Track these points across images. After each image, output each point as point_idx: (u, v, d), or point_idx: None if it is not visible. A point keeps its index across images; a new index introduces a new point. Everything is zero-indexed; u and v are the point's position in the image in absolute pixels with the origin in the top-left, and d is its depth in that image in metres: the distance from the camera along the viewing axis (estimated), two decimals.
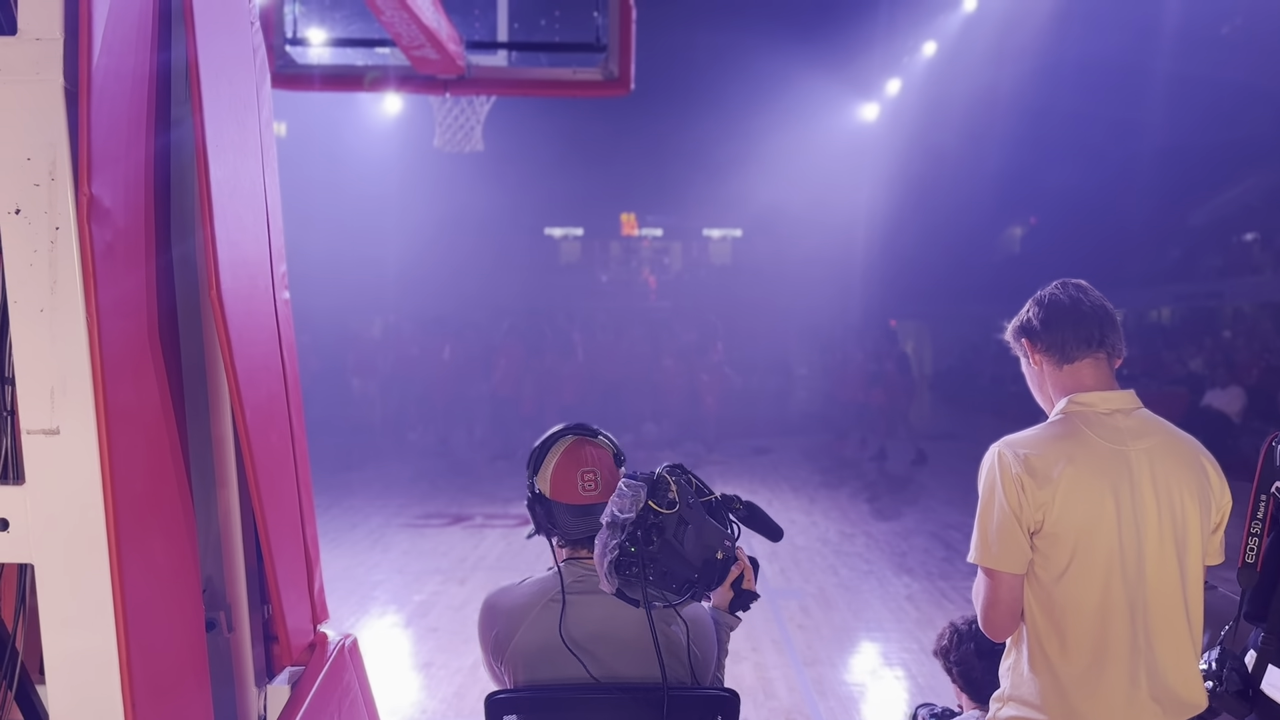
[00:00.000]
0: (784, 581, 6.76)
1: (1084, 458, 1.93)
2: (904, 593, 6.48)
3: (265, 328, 2.21)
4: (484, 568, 6.89)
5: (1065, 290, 2.08)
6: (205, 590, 2.19)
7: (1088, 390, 2.01)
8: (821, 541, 8.10)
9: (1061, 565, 1.91)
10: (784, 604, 6.15)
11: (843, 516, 9.16)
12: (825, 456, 12.98)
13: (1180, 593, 1.95)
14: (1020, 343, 2.12)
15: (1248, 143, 25.26)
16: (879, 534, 8.41)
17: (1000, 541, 1.93)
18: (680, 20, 20.78)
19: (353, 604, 6.14)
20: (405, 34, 4.33)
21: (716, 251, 30.16)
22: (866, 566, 7.24)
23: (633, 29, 5.02)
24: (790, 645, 5.36)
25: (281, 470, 2.25)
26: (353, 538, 7.93)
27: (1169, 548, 1.93)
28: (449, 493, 10.04)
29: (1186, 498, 1.96)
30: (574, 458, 2.09)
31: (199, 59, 1.97)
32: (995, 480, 1.95)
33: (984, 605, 1.99)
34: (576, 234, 28.93)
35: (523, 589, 2.10)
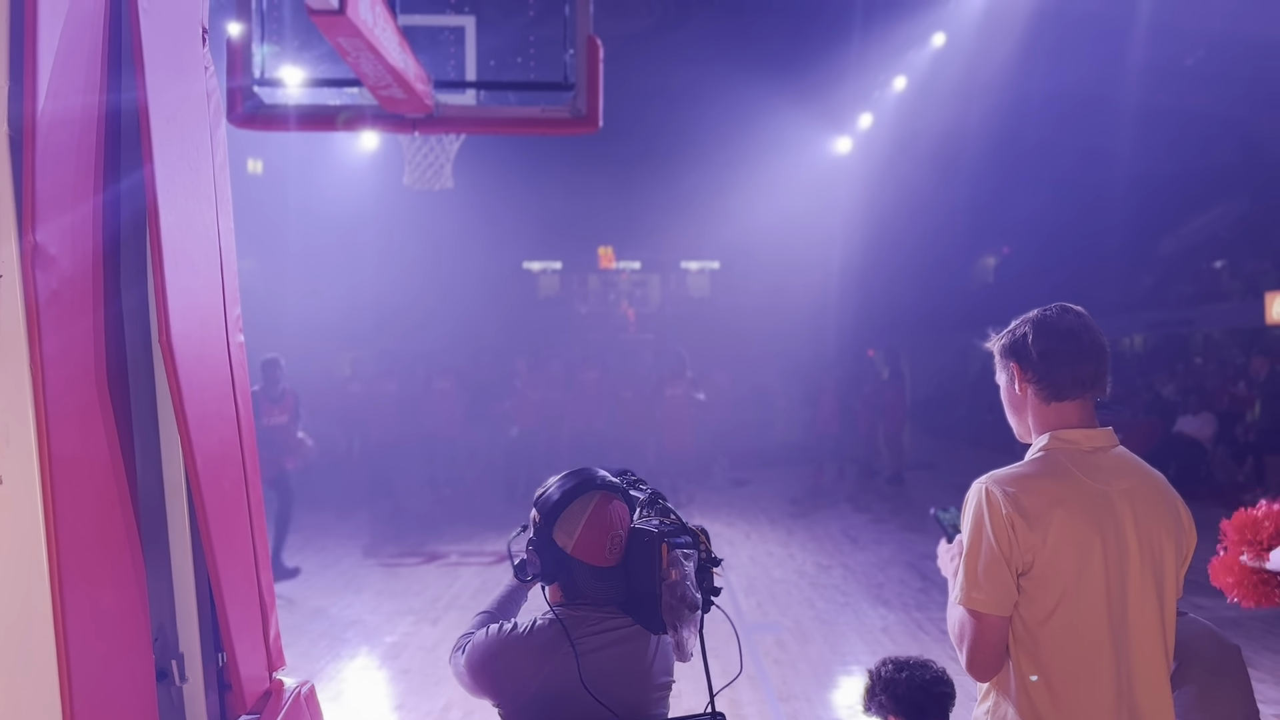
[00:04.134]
0: (760, 615, 6.73)
1: (1073, 499, 1.91)
2: (880, 625, 6.46)
3: (218, 372, 2.20)
4: (458, 607, 6.82)
5: (1065, 321, 2.01)
6: (157, 639, 2.16)
7: (1071, 427, 1.99)
8: (799, 574, 8.08)
9: (1048, 608, 1.89)
10: (760, 638, 6.12)
11: (820, 548, 9.15)
12: (803, 487, 12.98)
13: (1160, 633, 1.94)
14: (1009, 365, 2.05)
15: (1215, 172, 25.71)
16: (856, 565, 8.39)
17: (989, 583, 1.89)
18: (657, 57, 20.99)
19: (324, 646, 6.06)
20: (372, 74, 4.35)
21: (695, 284, 30.26)
22: (843, 599, 7.22)
23: (600, 67, 5.07)
24: (766, 680, 5.33)
25: (235, 516, 2.23)
26: (325, 578, 7.84)
27: (1149, 589, 1.93)
28: (424, 531, 9.96)
29: (1164, 539, 1.96)
30: (604, 520, 2.03)
31: (149, 104, 1.97)
32: (984, 519, 1.91)
33: (969, 647, 1.94)
34: (555, 267, 28.98)
35: (533, 639, 2.04)
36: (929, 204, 25.58)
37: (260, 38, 4.85)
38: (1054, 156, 26.80)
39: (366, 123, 5.23)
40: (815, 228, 23.41)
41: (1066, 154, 26.81)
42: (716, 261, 29.34)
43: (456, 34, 5.09)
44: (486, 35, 5.34)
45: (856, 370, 15.93)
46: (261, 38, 4.86)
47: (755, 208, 22.25)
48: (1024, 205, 27.58)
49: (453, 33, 5.11)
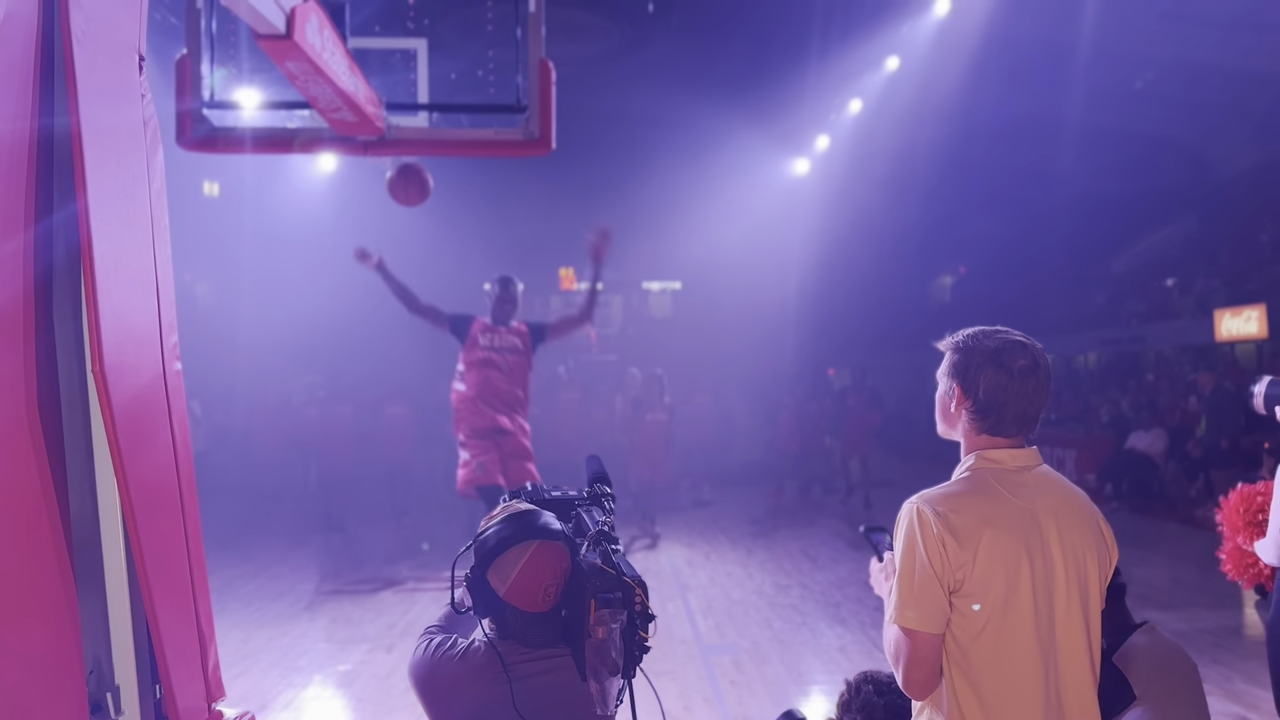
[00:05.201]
0: (718, 637, 6.73)
1: (1001, 518, 1.95)
2: (837, 644, 6.48)
3: (154, 401, 2.18)
4: (414, 634, 6.72)
5: (1018, 364, 1.98)
6: (92, 672, 2.13)
7: (999, 448, 2.03)
8: (757, 594, 8.09)
9: (978, 627, 1.93)
10: (717, 660, 6.12)
11: (779, 568, 9.17)
12: (764, 507, 13.01)
13: (1087, 649, 1.98)
14: (953, 383, 2.05)
15: (1164, 191, 26.29)
16: (814, 584, 8.42)
17: (921, 601, 1.93)
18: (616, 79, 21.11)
19: (276, 675, 5.97)
20: (322, 97, 4.34)
21: (657, 304, 30.35)
22: (801, 618, 7.24)
23: (553, 90, 5.09)
24: (722, 702, 5.32)
25: (171, 545, 2.21)
26: (278, 606, 7.73)
27: (1075, 605, 1.97)
28: (380, 557, 9.85)
29: (1087, 555, 2.00)
30: (539, 570, 2.01)
31: (83, 132, 1.95)
32: (916, 539, 1.94)
33: (905, 666, 1.97)
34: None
35: (466, 663, 2.05)
36: (886, 224, 25.91)
37: (210, 61, 4.82)
38: (1008, 177, 27.29)
39: (318, 145, 5.21)
40: (775, 248, 23.63)
41: (1020, 175, 27.31)
42: (678, 282, 29.47)
43: (408, 57, 5.09)
44: (439, 58, 5.35)
45: (814, 388, 16.08)
46: (212, 61, 4.83)
47: (716, 228, 22.42)
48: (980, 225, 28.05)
49: (404, 56, 5.11)
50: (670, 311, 29.69)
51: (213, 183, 21.56)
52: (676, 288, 29.70)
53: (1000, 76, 20.97)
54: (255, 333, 16.62)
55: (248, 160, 13.62)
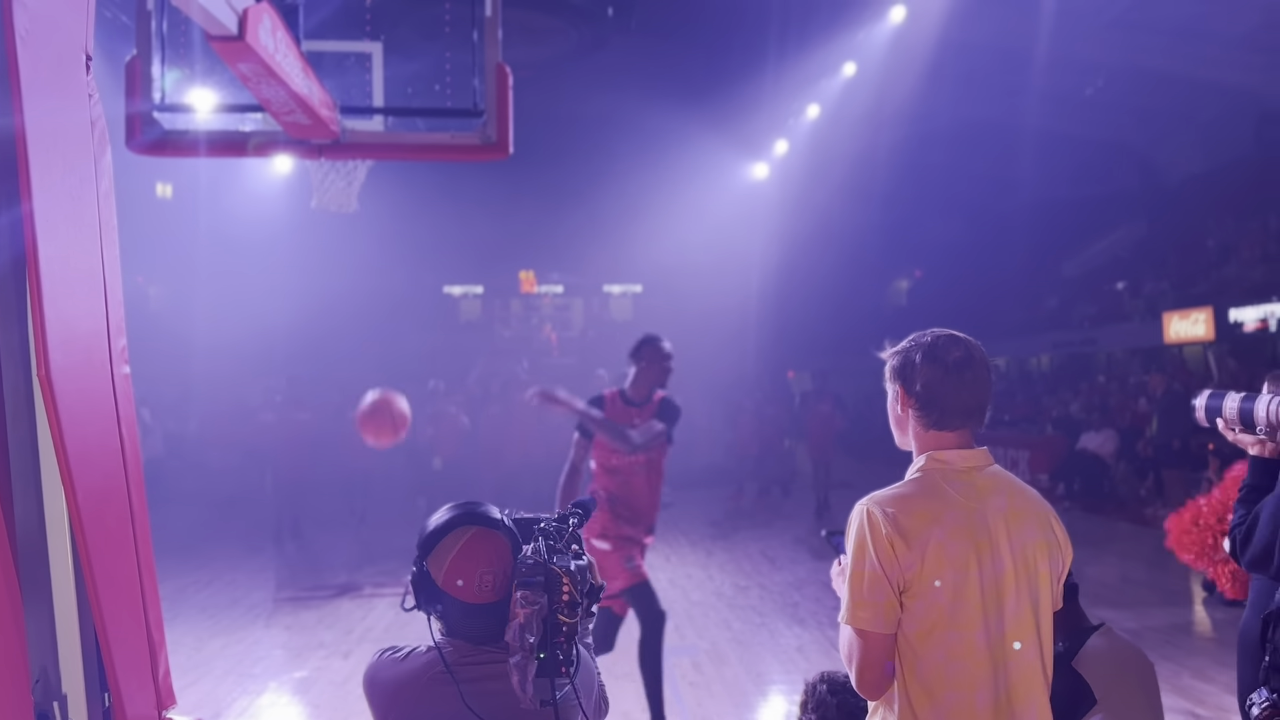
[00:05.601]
0: (678, 639, 6.75)
1: (949, 518, 1.97)
2: (795, 644, 6.53)
3: (101, 406, 2.15)
4: (371, 640, 6.70)
5: (953, 355, 2.04)
6: (39, 681, 2.09)
7: (948, 448, 2.05)
8: (716, 595, 8.13)
9: (928, 626, 1.95)
10: (676, 661, 6.14)
11: (738, 569, 9.23)
12: (723, 509, 13.08)
13: (1037, 648, 2.01)
14: (895, 385, 2.10)
15: (1115, 197, 26.79)
16: (773, 585, 8.48)
17: (872, 602, 1.95)
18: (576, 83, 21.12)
19: (230, 683, 5.90)
20: (275, 100, 4.30)
21: (617, 307, 30.43)
22: (759, 619, 7.29)
23: (510, 94, 5.08)
24: (681, 703, 5.35)
25: (119, 552, 2.18)
26: (233, 614, 7.63)
27: (1025, 604, 1.99)
28: (338, 564, 9.77)
29: (1038, 554, 2.02)
30: (473, 555, 1.99)
31: (27, 134, 1.93)
32: (865, 540, 1.97)
33: (858, 666, 1.99)
34: (476, 292, 28.88)
35: (406, 665, 2.04)
36: (844, 228, 26.13)
37: (162, 63, 4.76)
38: (963, 183, 27.67)
39: (271, 148, 5.16)
40: (735, 251, 23.79)
41: (975, 180, 27.70)
42: (639, 285, 29.57)
43: (363, 60, 5.06)
44: (395, 61, 5.32)
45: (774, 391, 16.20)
46: (163, 63, 4.77)
47: (676, 232, 22.53)
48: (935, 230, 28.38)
49: (359, 59, 5.08)
50: (631, 314, 29.76)
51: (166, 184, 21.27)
52: (637, 290, 29.80)
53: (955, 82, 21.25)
54: (210, 336, 16.42)
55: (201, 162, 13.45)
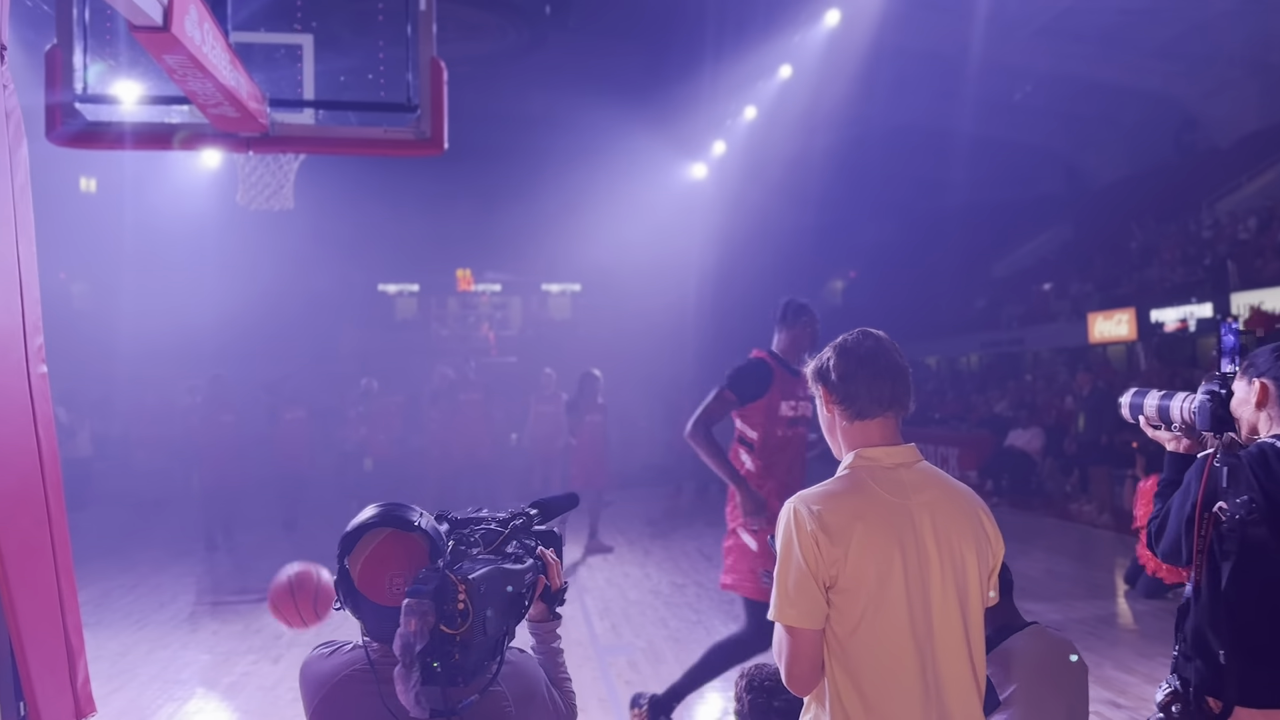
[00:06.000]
0: (614, 638, 6.76)
1: (873, 514, 2.00)
2: None
3: (17, 405, 2.09)
4: (301, 643, 6.57)
5: (864, 344, 2.13)
6: None
7: (874, 445, 2.09)
8: (654, 594, 8.16)
9: (854, 620, 1.97)
10: (612, 660, 6.15)
11: (675, 567, 9.27)
12: (662, 508, 13.12)
13: (964, 641, 2.04)
14: (817, 388, 2.16)
15: (1042, 200, 27.49)
16: (710, 583, 8.52)
17: (799, 598, 1.97)
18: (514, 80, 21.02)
19: (156, 689, 5.75)
20: (202, 92, 4.20)
21: (556, 306, 30.32)
22: (696, 616, 7.33)
23: (444, 89, 5.03)
24: (616, 703, 5.36)
25: (36, 555, 2.12)
26: (159, 619, 7.45)
27: (951, 598, 2.02)
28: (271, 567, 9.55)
29: (965, 547, 2.06)
30: (384, 558, 1.95)
31: None
32: (792, 537, 1.99)
33: (786, 662, 2.02)
34: (412, 290, 28.55)
35: (332, 660, 2.03)
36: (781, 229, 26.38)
37: (84, 53, 4.62)
38: (896, 185, 28.15)
39: (198, 141, 5.03)
40: (674, 251, 23.84)
41: (908, 183, 28.20)
42: (578, 284, 29.51)
43: (294, 52, 4.97)
44: (328, 54, 5.24)
45: None
46: (85, 53, 4.63)
47: (615, 230, 22.51)
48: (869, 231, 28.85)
49: (290, 51, 4.99)
50: (570, 313, 29.70)
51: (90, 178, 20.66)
52: (576, 290, 29.74)
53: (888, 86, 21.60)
54: (136, 333, 15.97)
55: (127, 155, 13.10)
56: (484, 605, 1.80)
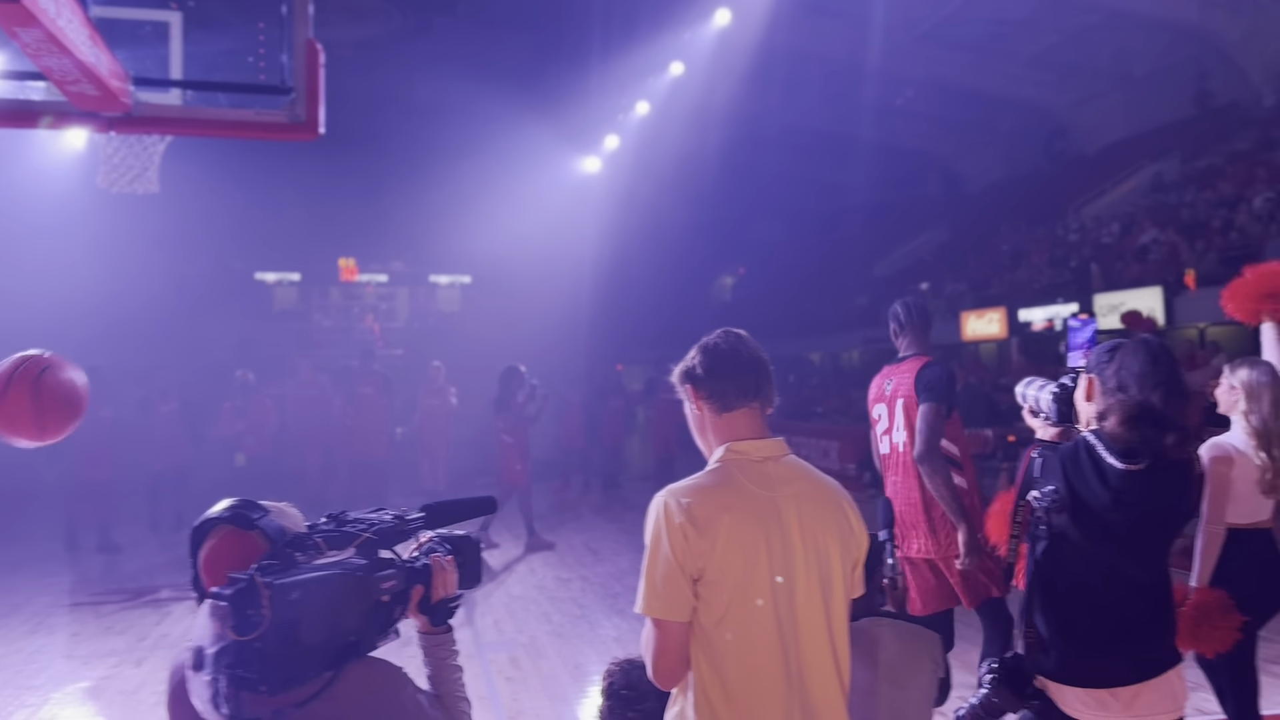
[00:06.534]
0: (496, 634, 6.71)
1: (740, 505, 2.02)
2: (614, 635, 6.60)
3: None
4: (166, 645, 6.31)
5: (726, 340, 2.18)
6: None
7: (743, 438, 2.12)
8: (538, 589, 8.12)
9: (720, 611, 1.99)
10: (493, 657, 6.10)
11: (560, 562, 9.24)
12: (548, 502, 13.05)
13: (826, 631, 2.07)
14: (685, 387, 2.19)
15: (921, 203, 28.46)
16: (595, 577, 8.54)
17: (666, 591, 1.98)
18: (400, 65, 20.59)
19: (7, 695, 5.44)
20: (58, 68, 3.97)
21: (445, 298, 29.91)
22: (580, 611, 7.33)
23: (320, 72, 4.87)
24: (496, 700, 5.31)
25: None
26: (12, 622, 7.03)
27: (815, 589, 2.06)
28: (133, 566, 9.17)
29: (829, 539, 2.09)
30: (220, 556, 1.88)
31: None
32: (661, 530, 2.00)
33: (653, 655, 2.03)
34: (293, 279, 27.72)
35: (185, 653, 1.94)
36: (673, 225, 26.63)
37: None
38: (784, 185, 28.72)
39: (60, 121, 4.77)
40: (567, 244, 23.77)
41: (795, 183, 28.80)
42: (468, 275, 29.17)
43: (161, 29, 4.74)
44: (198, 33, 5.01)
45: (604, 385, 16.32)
46: None
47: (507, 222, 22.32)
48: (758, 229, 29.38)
49: (157, 28, 4.75)
50: (459, 305, 29.34)
51: None
52: (466, 281, 29.39)
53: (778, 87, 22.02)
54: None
55: None
56: (294, 612, 1.69)
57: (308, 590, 1.73)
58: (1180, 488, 2.46)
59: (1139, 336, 2.62)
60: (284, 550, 1.82)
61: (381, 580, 1.88)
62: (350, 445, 11.63)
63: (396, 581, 1.92)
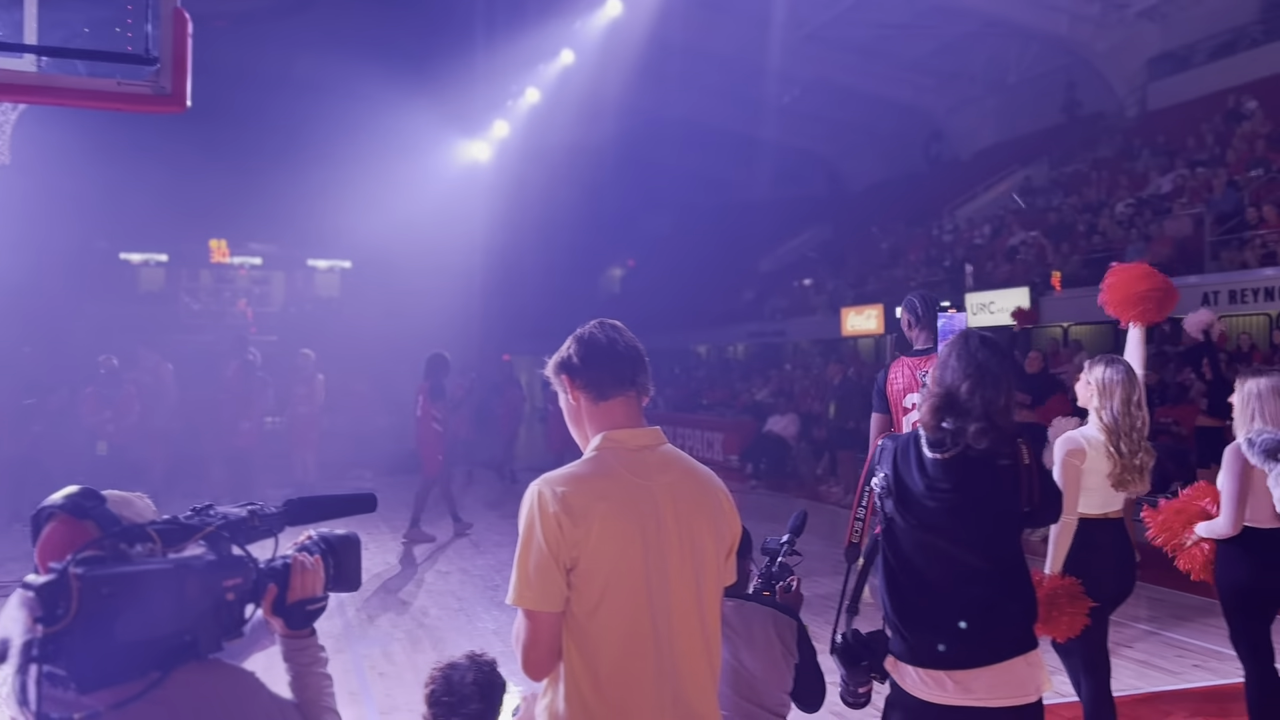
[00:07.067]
0: (370, 628, 6.55)
1: (616, 494, 2.00)
2: (492, 627, 6.53)
3: None
4: None
5: (602, 330, 2.16)
6: None
7: (620, 427, 2.10)
8: (416, 583, 7.97)
9: (594, 601, 1.96)
10: (366, 651, 5.95)
11: (440, 555, 9.10)
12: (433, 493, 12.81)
13: (699, 618, 2.07)
14: (560, 378, 2.16)
15: (806, 201, 29.05)
16: (475, 570, 8.44)
17: (538, 581, 1.95)
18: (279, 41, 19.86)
19: None
20: None
21: (324, 283, 29.08)
22: (458, 604, 7.22)
23: (188, 42, 4.63)
24: (368, 695, 5.18)
25: None
26: None
27: (689, 578, 2.05)
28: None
29: (704, 528, 2.09)
30: (55, 543, 1.75)
31: None
32: (534, 520, 1.96)
33: (525, 646, 1.99)
34: (160, 260, 26.49)
35: None
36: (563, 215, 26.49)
37: None
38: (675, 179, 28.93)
39: None
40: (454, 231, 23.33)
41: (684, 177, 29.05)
42: (348, 261, 28.42)
43: None
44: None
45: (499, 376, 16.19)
46: None
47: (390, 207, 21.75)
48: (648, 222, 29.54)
49: None
50: (338, 291, 28.59)
51: None
52: (346, 267, 28.64)
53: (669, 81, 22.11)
54: None
55: None
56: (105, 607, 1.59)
57: (123, 584, 1.62)
58: (991, 477, 2.53)
59: (964, 330, 2.71)
60: (111, 541, 1.70)
61: (224, 577, 1.77)
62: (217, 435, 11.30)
63: (242, 580, 1.80)
